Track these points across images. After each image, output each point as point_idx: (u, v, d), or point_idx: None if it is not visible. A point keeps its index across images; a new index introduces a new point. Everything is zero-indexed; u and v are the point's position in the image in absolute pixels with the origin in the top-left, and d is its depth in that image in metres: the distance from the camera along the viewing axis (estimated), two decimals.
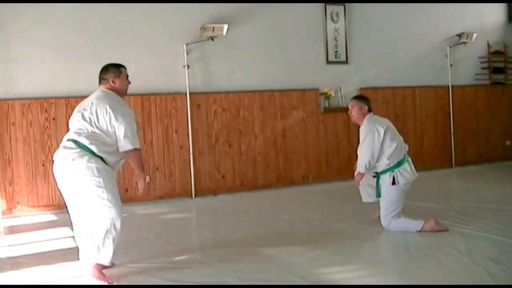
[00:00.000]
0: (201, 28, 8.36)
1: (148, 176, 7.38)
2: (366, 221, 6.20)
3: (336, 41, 9.55)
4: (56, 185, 4.72)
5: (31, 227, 7.05)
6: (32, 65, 7.76)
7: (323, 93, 9.20)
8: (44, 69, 7.82)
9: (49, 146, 7.80)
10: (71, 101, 7.78)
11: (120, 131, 4.54)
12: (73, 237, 6.19)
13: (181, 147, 8.40)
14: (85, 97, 7.66)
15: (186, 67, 8.39)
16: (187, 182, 8.44)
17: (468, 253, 4.90)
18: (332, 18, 9.51)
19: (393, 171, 5.73)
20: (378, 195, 5.84)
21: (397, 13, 10.18)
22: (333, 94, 9.29)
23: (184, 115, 8.41)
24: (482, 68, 11.16)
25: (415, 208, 6.69)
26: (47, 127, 7.81)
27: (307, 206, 7.69)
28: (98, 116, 4.56)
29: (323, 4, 9.45)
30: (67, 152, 4.53)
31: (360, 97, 6.16)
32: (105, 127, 4.54)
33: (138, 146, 4.64)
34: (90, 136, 4.53)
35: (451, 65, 10.62)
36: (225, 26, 8.31)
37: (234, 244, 5.61)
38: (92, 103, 4.65)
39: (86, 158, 4.46)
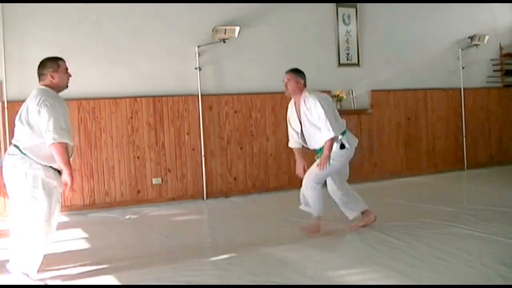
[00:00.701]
0: (213, 30, 8.39)
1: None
2: (379, 224, 6.18)
3: (347, 43, 9.55)
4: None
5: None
6: None
7: (334, 95, 9.19)
8: None
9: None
10: (83, 103, 7.85)
11: (42, 125, 4.47)
12: (86, 238, 6.26)
13: (193, 149, 8.42)
14: (97, 98, 7.93)
15: (198, 69, 8.41)
16: (199, 184, 8.46)
17: (480, 256, 4.89)
18: (343, 21, 9.51)
19: (339, 139, 5.81)
20: None
21: (409, 15, 10.16)
22: (344, 97, 9.28)
23: (196, 117, 8.44)
24: (494, 71, 11.11)
25: (427, 211, 6.68)
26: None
27: None
28: (28, 113, 4.57)
29: (335, 6, 9.45)
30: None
31: (297, 70, 6.02)
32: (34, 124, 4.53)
33: (60, 140, 4.46)
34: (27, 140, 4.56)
35: (463, 68, 10.58)
36: (237, 28, 8.33)
37: (246, 246, 5.61)
38: (26, 103, 4.66)
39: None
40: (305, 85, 5.92)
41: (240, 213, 7.59)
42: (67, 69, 4.85)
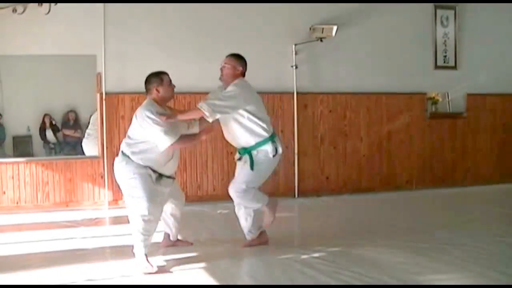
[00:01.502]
0: (310, 29, 8.37)
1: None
2: (474, 228, 6.00)
3: (445, 45, 9.34)
4: None
5: None
6: (142, 63, 7.97)
7: (430, 98, 9.02)
8: (154, 67, 7.99)
9: None
10: (179, 97, 7.96)
11: (152, 135, 4.80)
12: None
13: (286, 147, 8.40)
14: (193, 93, 8.03)
15: (294, 67, 8.41)
16: (290, 182, 8.46)
17: None
18: (441, 22, 9.31)
19: (273, 142, 5.23)
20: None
21: (511, 16, 9.82)
22: (440, 99, 9.10)
23: (290, 115, 8.45)
24: None
25: None
26: None
27: (410, 211, 7.58)
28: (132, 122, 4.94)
29: (433, 7, 9.26)
30: None
31: (238, 56, 5.48)
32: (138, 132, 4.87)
33: (172, 141, 4.80)
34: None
35: None
36: (334, 27, 8.28)
37: (337, 245, 5.50)
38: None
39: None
40: (243, 74, 5.43)
41: (332, 212, 7.54)
42: (170, 81, 5.14)
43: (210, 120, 5.05)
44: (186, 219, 6.86)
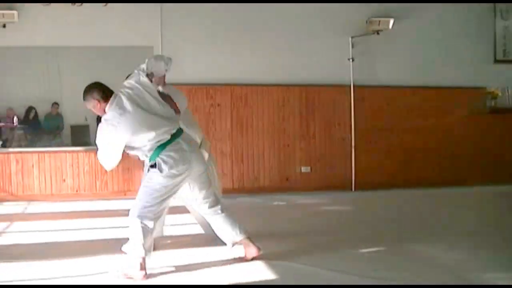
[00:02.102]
0: (366, 22, 8.30)
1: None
2: None
3: (504, 39, 9.13)
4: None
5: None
6: (199, 54, 8.05)
7: (489, 92, 8.84)
8: (210, 58, 8.08)
9: (213, 132, 8.05)
10: (236, 88, 8.01)
11: None
12: None
13: (343, 140, 8.36)
14: (250, 85, 8.05)
15: (351, 60, 8.35)
16: (347, 175, 8.42)
17: None
18: (501, 15, 9.11)
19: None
20: None
21: None
22: (499, 94, 8.92)
23: (347, 108, 8.40)
24: None
25: None
26: (211, 113, 8.05)
27: (469, 208, 7.40)
28: None
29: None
30: None
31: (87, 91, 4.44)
32: None
33: None
34: None
35: None
36: (391, 20, 8.20)
37: (392, 240, 5.35)
38: None
39: None
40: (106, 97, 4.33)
41: (388, 207, 7.40)
42: None
43: None
44: (243, 211, 6.92)
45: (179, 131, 4.31)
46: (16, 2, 7.66)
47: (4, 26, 7.66)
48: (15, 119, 8.27)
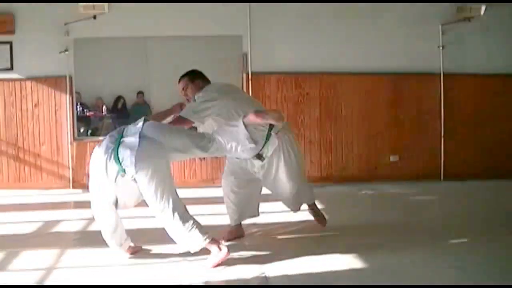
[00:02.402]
0: (457, 9, 8.10)
1: None
2: None
3: None
4: None
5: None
6: (288, 43, 8.02)
7: None
8: (298, 47, 8.04)
9: (301, 120, 8.05)
10: (324, 76, 7.97)
11: None
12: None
13: (432, 129, 8.24)
14: (339, 73, 7.99)
15: (441, 48, 8.19)
16: (436, 165, 8.30)
17: None
18: None
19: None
20: None
21: None
22: None
23: (436, 96, 8.25)
24: None
25: None
26: (300, 101, 8.04)
27: None
28: None
29: None
30: None
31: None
32: None
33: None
34: None
35: None
36: (483, 6, 8.00)
37: (481, 233, 5.21)
38: None
39: None
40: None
41: (478, 198, 7.25)
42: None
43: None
44: (331, 200, 6.89)
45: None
46: None
47: (94, 17, 7.75)
48: (104, 108, 8.42)
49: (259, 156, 4.42)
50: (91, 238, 5.09)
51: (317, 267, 4.22)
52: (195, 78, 4.87)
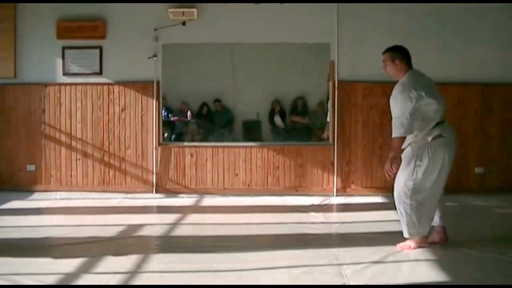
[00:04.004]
0: None
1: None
2: None
3: None
4: None
5: (361, 207, 7.30)
6: (376, 52, 7.90)
7: None
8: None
9: (387, 130, 7.95)
10: None
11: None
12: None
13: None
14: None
15: None
16: None
17: None
18: None
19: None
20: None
21: None
22: None
23: None
24: None
25: None
26: (388, 110, 7.95)
27: None
28: None
29: None
30: None
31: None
32: None
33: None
34: None
35: None
36: None
37: None
38: None
39: None
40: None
41: None
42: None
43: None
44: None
45: None
46: (197, 2, 7.84)
47: (184, 23, 7.87)
48: (189, 113, 8.52)
49: None
50: (172, 244, 5.21)
51: None
52: (396, 57, 4.90)
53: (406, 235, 4.86)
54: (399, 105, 4.66)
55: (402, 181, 4.74)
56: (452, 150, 4.81)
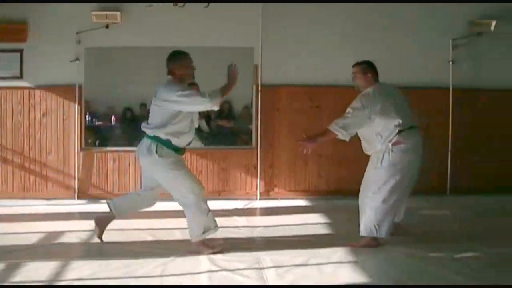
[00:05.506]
0: (468, 23, 8.15)
1: None
2: None
3: None
4: None
5: (284, 211, 7.30)
6: (299, 56, 8.03)
7: None
8: (310, 60, 8.04)
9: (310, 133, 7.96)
10: (336, 89, 7.90)
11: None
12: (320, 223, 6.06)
13: (444, 144, 8.19)
14: (345, 87, 7.91)
15: (451, 63, 8.21)
16: (443, 179, 8.24)
17: None
18: None
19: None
20: None
21: None
22: None
23: (446, 110, 8.23)
24: None
25: None
26: (311, 114, 8.01)
27: None
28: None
29: None
30: None
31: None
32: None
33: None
34: None
35: None
36: (493, 22, 8.06)
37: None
38: None
39: None
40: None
41: (473, 213, 7.22)
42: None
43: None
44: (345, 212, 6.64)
45: None
46: (120, 2, 7.76)
47: (107, 27, 7.78)
48: (113, 118, 8.37)
49: None
50: (93, 250, 5.19)
51: None
52: (367, 71, 5.40)
53: (364, 233, 5.15)
54: (356, 110, 5.15)
55: (365, 182, 5.29)
56: (415, 157, 5.21)
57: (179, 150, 5.05)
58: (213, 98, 4.90)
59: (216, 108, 5.04)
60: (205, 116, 8.32)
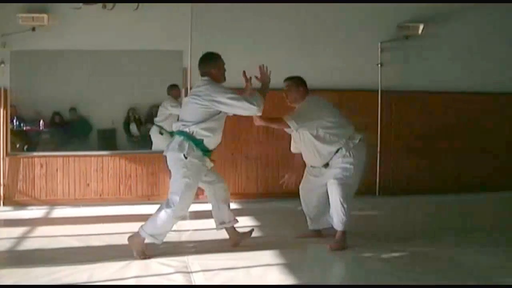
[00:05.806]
0: (397, 27, 8.23)
1: None
2: None
3: None
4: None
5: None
6: (230, 59, 7.86)
7: None
8: (241, 63, 7.87)
9: (239, 136, 8.00)
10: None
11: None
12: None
13: (370, 145, 8.17)
14: (276, 90, 7.87)
15: (379, 65, 8.29)
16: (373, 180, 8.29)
17: None
18: None
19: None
20: None
21: None
22: None
23: (375, 113, 8.29)
24: None
25: None
26: (241, 118, 7.92)
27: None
28: None
29: None
30: None
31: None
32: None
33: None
34: None
35: None
36: (421, 26, 8.16)
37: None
38: None
39: None
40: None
41: (406, 213, 7.40)
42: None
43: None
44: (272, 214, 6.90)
45: None
46: (47, 2, 7.66)
47: (33, 29, 7.66)
48: (41, 123, 8.26)
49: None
50: (19, 258, 5.07)
51: None
52: (300, 84, 5.64)
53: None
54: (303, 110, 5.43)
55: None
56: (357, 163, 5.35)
57: (207, 152, 5.00)
58: (260, 104, 4.98)
59: (260, 113, 5.09)
60: (135, 120, 8.27)
